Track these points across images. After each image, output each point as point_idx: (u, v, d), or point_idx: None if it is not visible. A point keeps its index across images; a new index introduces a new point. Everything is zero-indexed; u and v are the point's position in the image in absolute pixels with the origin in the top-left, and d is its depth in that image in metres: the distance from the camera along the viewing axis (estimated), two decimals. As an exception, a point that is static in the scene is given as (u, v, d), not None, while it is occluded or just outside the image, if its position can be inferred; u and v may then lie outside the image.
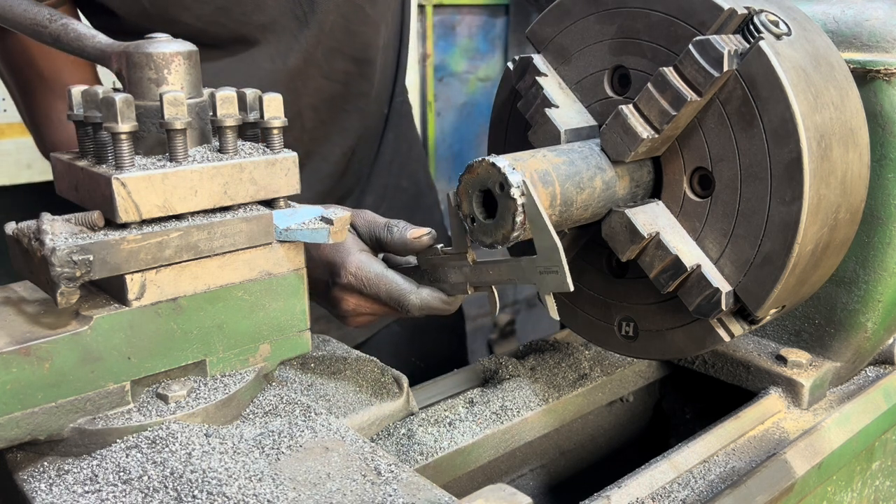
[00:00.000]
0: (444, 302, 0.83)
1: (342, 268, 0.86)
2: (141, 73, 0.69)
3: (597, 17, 0.81)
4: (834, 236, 0.77)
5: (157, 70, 0.69)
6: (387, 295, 0.84)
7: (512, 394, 0.94)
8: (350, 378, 0.90)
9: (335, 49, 1.20)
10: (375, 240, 0.89)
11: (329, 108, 1.24)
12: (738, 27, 0.73)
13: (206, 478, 0.62)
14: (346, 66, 1.22)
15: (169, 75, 0.69)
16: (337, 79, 1.22)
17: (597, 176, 0.76)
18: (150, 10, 1.06)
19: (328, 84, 1.22)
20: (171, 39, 0.70)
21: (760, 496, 0.77)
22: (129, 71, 0.69)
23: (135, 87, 0.69)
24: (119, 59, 0.70)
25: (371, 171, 1.41)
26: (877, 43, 0.89)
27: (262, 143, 0.73)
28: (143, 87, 0.69)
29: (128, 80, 0.69)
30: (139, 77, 0.69)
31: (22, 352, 0.61)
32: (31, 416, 0.63)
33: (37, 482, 0.63)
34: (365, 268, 0.85)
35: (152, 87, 0.69)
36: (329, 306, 0.90)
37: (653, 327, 0.84)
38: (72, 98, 0.71)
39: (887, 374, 1.02)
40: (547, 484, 1.03)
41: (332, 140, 1.27)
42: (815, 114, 0.71)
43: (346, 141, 1.29)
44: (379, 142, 1.41)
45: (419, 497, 0.61)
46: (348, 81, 1.24)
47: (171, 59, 0.69)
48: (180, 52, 0.69)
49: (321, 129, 1.25)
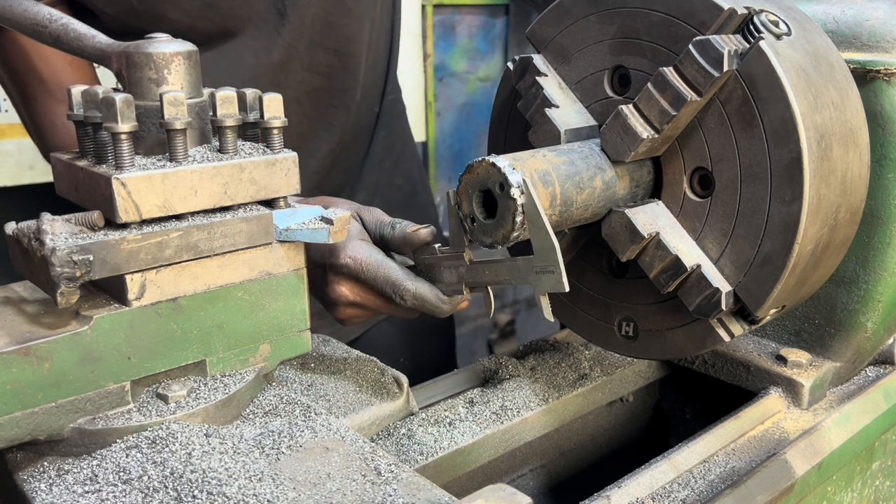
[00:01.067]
0: (439, 298, 0.83)
1: (342, 250, 0.86)
2: (141, 73, 0.69)
3: (597, 17, 0.81)
4: (834, 236, 0.77)
5: (157, 70, 0.69)
6: (384, 279, 0.85)
7: (512, 394, 0.94)
8: (350, 378, 0.90)
9: (316, 42, 1.20)
10: (380, 237, 0.90)
11: (313, 102, 1.24)
12: (738, 27, 0.73)
13: (206, 478, 0.62)
14: (329, 59, 1.22)
15: (169, 75, 0.69)
16: (320, 71, 1.22)
17: (597, 176, 0.76)
18: (139, 6, 1.05)
19: (311, 77, 1.22)
20: (171, 39, 0.70)
21: (760, 496, 0.77)
22: (129, 71, 0.69)
23: (135, 87, 0.69)
24: (119, 59, 0.70)
25: (361, 168, 1.41)
26: (877, 43, 0.89)
27: (262, 143, 0.73)
28: (143, 87, 0.69)
29: (128, 80, 0.69)
30: (139, 77, 0.69)
31: (22, 352, 0.61)
32: (31, 416, 0.63)
33: (37, 482, 0.63)
34: (364, 252, 0.86)
35: (152, 87, 0.69)
36: (321, 293, 0.90)
37: (653, 327, 0.84)
38: (72, 98, 0.71)
39: (887, 374, 1.02)
40: (547, 484, 1.03)
41: (319, 136, 1.28)
42: (815, 114, 0.71)
43: (333, 137, 1.29)
44: (370, 139, 1.41)
45: (419, 497, 0.61)
46: (332, 75, 1.24)
47: (171, 59, 0.69)
48: (180, 52, 0.69)
49: (306, 123, 1.26)
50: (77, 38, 0.75)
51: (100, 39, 0.74)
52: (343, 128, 1.30)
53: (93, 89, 0.70)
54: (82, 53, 0.75)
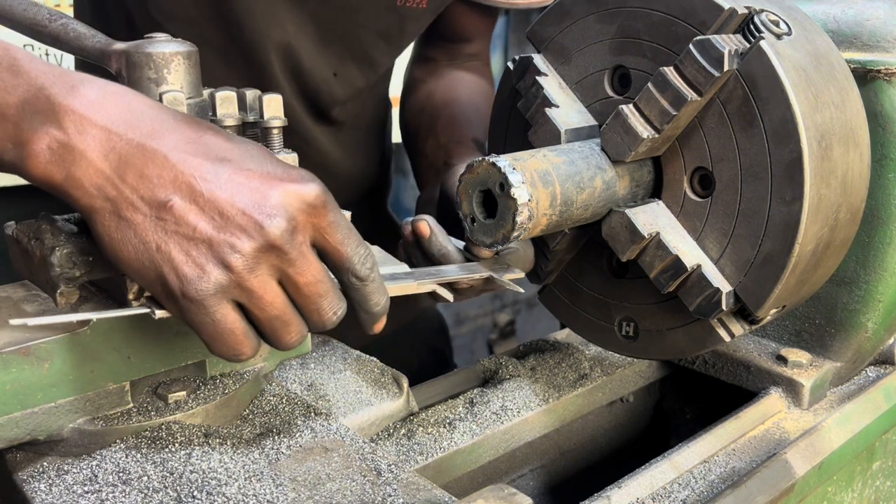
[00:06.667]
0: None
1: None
2: (140, 72, 0.69)
3: (597, 16, 0.81)
4: (834, 236, 0.77)
5: (156, 70, 0.69)
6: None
7: (512, 394, 0.94)
8: (350, 378, 0.90)
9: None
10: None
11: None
12: (738, 27, 0.73)
13: (205, 478, 0.62)
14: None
15: (168, 75, 0.69)
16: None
17: (597, 176, 0.76)
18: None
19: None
20: (171, 39, 0.70)
21: (761, 496, 0.77)
22: (128, 71, 0.69)
23: (134, 87, 0.69)
24: (119, 58, 0.70)
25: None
26: (877, 43, 0.89)
27: (261, 144, 0.73)
28: (143, 87, 0.69)
29: (127, 80, 0.69)
30: (139, 77, 0.69)
31: (22, 352, 0.61)
32: (31, 416, 0.63)
33: (36, 482, 0.63)
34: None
35: (152, 87, 0.69)
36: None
37: (653, 327, 0.84)
38: (72, 98, 0.71)
39: (888, 374, 1.02)
40: (547, 484, 1.03)
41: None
42: (815, 113, 0.71)
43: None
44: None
45: (419, 497, 0.61)
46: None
47: (170, 59, 0.69)
48: (180, 51, 0.69)
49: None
50: (77, 38, 0.75)
51: (99, 39, 0.74)
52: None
53: (93, 89, 0.70)
54: (82, 53, 0.75)
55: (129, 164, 0.57)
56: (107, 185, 0.57)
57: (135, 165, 0.57)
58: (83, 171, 0.57)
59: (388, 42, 1.18)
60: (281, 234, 0.58)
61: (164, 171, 0.57)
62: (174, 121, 0.60)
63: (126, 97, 0.60)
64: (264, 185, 0.59)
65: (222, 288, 0.57)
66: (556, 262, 0.89)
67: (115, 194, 0.57)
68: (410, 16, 1.17)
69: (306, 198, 0.59)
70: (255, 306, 0.59)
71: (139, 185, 0.57)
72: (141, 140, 0.58)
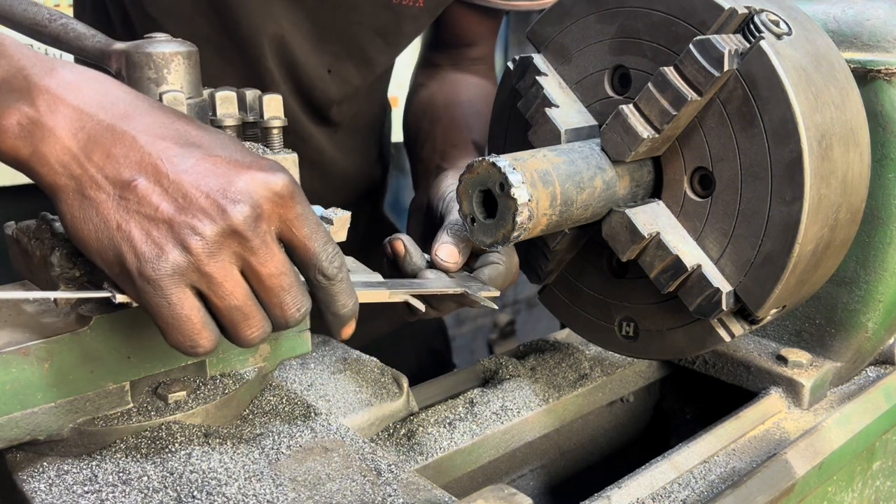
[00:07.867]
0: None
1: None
2: (140, 72, 0.69)
3: (597, 16, 0.81)
4: (834, 236, 0.77)
5: (156, 70, 0.69)
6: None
7: (512, 394, 0.94)
8: (350, 378, 0.90)
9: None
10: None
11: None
12: (738, 27, 0.73)
13: (205, 478, 0.62)
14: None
15: (168, 75, 0.69)
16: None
17: (597, 175, 0.76)
18: None
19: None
20: (171, 39, 0.70)
21: (761, 496, 0.77)
22: (128, 71, 0.69)
23: (134, 87, 0.69)
24: (119, 58, 0.70)
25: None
26: (877, 43, 0.89)
27: (261, 143, 0.73)
28: (143, 87, 0.69)
29: (127, 80, 0.69)
30: (139, 77, 0.69)
31: (22, 352, 0.61)
32: (31, 417, 0.63)
33: (36, 482, 0.63)
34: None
35: (152, 87, 0.69)
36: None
37: (653, 327, 0.84)
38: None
39: (888, 374, 1.02)
40: (547, 484, 1.03)
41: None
42: (815, 113, 0.71)
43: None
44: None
45: (419, 497, 0.61)
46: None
47: (170, 59, 0.69)
48: (180, 51, 0.69)
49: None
50: (77, 38, 0.75)
51: (99, 39, 0.74)
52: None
53: (93, 89, 0.70)
54: (82, 53, 0.75)
55: (98, 143, 0.57)
56: (72, 163, 0.56)
57: (103, 145, 0.57)
58: (50, 147, 0.56)
59: (384, 40, 1.18)
60: (244, 219, 0.57)
61: (132, 151, 0.57)
62: (148, 106, 0.60)
63: (103, 83, 0.60)
64: (231, 171, 0.58)
65: (180, 269, 0.56)
66: (556, 262, 0.89)
67: (79, 172, 0.56)
68: (407, 14, 1.16)
69: (273, 187, 0.58)
70: (214, 294, 0.58)
71: (105, 164, 0.56)
72: (112, 121, 0.57)
